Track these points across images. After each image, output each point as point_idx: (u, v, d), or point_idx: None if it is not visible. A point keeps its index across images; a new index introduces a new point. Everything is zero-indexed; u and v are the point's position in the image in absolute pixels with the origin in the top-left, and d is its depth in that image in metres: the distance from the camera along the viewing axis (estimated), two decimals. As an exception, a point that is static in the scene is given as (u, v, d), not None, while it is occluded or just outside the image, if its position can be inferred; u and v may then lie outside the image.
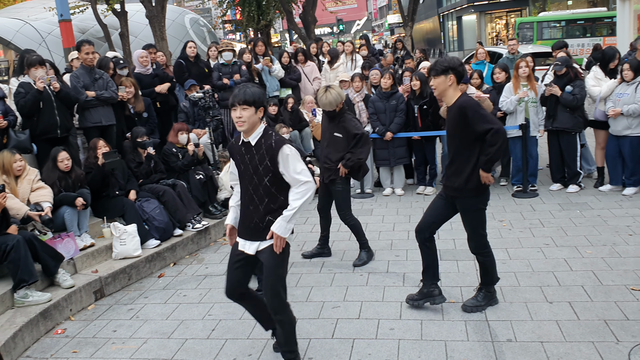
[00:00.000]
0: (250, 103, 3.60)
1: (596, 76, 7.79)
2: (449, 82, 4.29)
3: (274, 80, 10.04)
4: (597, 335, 4.16)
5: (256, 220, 3.73)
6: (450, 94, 4.37)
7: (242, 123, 3.64)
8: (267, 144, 3.68)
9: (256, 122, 3.69)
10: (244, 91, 3.64)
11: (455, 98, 4.37)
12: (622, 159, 7.56)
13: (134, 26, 16.94)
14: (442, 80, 4.30)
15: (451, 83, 4.30)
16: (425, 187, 8.55)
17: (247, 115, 3.62)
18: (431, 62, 10.45)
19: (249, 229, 3.78)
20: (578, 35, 26.76)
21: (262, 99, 3.67)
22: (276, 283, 3.74)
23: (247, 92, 3.62)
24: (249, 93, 3.62)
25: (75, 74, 6.98)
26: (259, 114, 3.67)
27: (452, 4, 47.63)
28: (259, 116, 3.68)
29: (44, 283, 5.40)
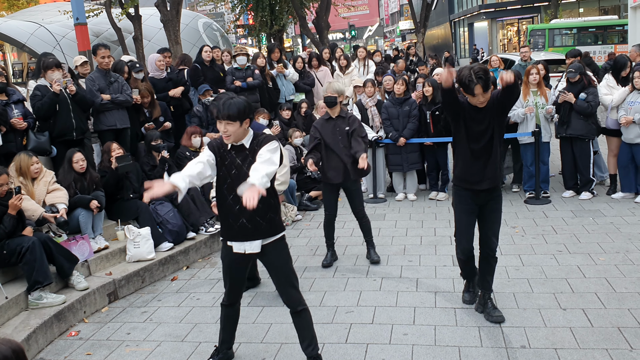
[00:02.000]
0: (234, 118, 3.53)
1: (608, 84, 7.78)
2: (488, 95, 4.24)
3: (289, 84, 10.08)
4: (611, 343, 4.15)
5: (243, 221, 3.69)
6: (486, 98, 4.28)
7: (227, 137, 3.62)
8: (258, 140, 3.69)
9: (243, 132, 3.65)
10: (228, 105, 3.53)
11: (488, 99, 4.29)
12: (634, 167, 7.53)
13: (147, 30, 17.06)
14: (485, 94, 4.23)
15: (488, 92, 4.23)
16: (437, 193, 8.54)
17: (232, 130, 3.58)
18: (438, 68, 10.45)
19: (237, 229, 3.74)
20: (589, 43, 26.66)
21: (246, 111, 3.58)
22: (292, 277, 3.89)
23: (231, 107, 3.53)
24: (233, 107, 3.53)
25: (90, 77, 7.04)
26: (244, 125, 3.61)
27: (464, 11, 47.65)
28: (244, 127, 3.63)
29: (58, 285, 5.44)
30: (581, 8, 38.84)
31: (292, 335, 4.61)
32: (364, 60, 11.55)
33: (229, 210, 3.73)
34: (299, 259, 6.41)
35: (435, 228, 7.13)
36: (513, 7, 41.77)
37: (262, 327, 4.75)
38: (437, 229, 7.10)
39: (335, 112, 5.95)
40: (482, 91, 4.15)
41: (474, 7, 44.33)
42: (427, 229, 7.14)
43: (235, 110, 3.52)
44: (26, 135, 6.37)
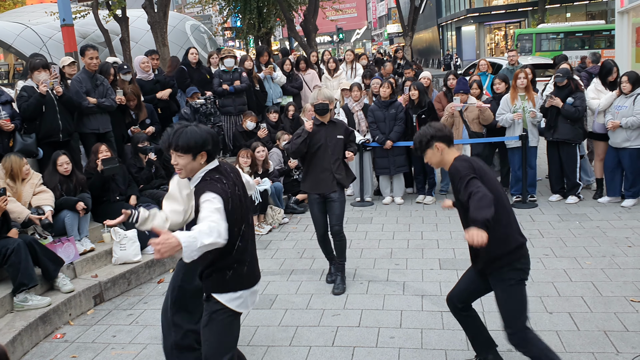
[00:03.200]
0: (185, 150, 3.06)
1: (597, 88, 7.84)
2: (439, 153, 3.65)
3: (276, 87, 10.07)
4: (597, 346, 4.17)
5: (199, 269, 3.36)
6: (447, 160, 3.67)
7: (179, 171, 3.16)
8: (197, 192, 3.12)
9: (197, 168, 3.14)
10: (178, 135, 3.06)
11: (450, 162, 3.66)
12: (621, 171, 7.60)
13: (134, 32, 16.99)
14: (432, 152, 3.67)
15: (441, 152, 3.65)
16: (424, 197, 8.57)
17: (183, 163, 3.10)
18: (428, 72, 10.50)
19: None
20: (576, 48, 26.92)
21: (201, 143, 3.07)
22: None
23: (182, 137, 3.05)
24: (184, 138, 3.05)
25: (77, 79, 6.98)
26: (200, 159, 3.11)
27: (452, 15, 47.91)
28: (199, 162, 3.12)
29: (44, 287, 5.39)
30: (568, 13, 39.22)
31: (279, 338, 4.62)
32: (351, 63, 11.56)
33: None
34: (285, 262, 6.40)
35: (422, 231, 7.14)
36: (500, 11, 42.08)
37: (249, 330, 4.73)
38: (424, 232, 7.12)
39: (326, 119, 5.54)
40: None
41: (462, 11, 44.58)
42: (414, 232, 7.15)
43: (186, 142, 3.05)
44: (13, 137, 6.31)
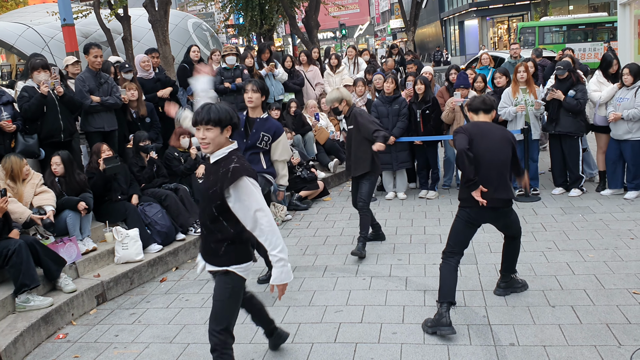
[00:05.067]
0: (215, 122, 3.26)
1: (598, 80, 7.80)
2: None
3: (278, 84, 10.05)
4: (600, 339, 4.15)
5: (212, 246, 3.48)
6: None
7: (206, 145, 3.32)
8: (224, 170, 3.32)
9: (222, 142, 3.35)
10: (207, 109, 3.27)
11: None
12: (623, 163, 7.56)
13: (136, 30, 16.97)
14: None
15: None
16: (427, 192, 8.55)
17: (212, 137, 3.28)
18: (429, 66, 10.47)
19: (204, 250, 3.59)
20: (579, 40, 26.78)
21: (228, 117, 3.30)
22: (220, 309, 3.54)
23: (212, 111, 3.26)
24: (214, 111, 3.26)
25: (81, 78, 6.98)
26: (225, 133, 3.33)
27: (454, 9, 47.73)
28: (225, 136, 3.34)
29: (46, 287, 5.39)
30: (571, 5, 39.01)
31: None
32: (354, 59, 11.55)
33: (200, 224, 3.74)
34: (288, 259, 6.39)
35: (424, 227, 7.12)
36: (503, 4, 41.88)
37: (251, 328, 4.72)
38: (426, 227, 7.10)
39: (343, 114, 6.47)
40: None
41: (464, 5, 44.40)
42: (416, 227, 7.14)
43: (216, 114, 3.26)
44: (14, 138, 6.31)
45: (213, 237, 3.45)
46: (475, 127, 4.64)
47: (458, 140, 4.48)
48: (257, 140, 5.36)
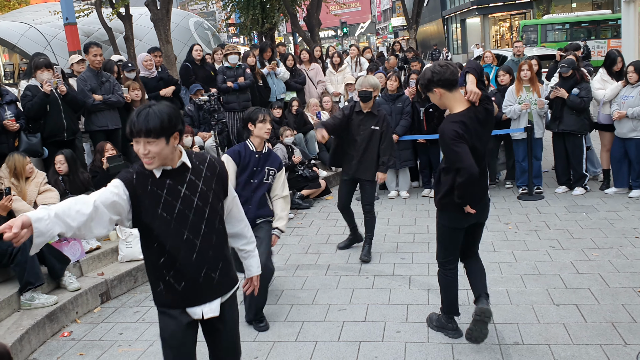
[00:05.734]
0: (157, 132, 2.57)
1: (602, 78, 7.78)
2: (438, 96, 3.85)
3: (280, 83, 10.05)
4: (605, 338, 4.15)
5: (207, 271, 2.85)
6: (449, 105, 3.89)
7: (150, 160, 2.63)
8: (210, 163, 2.88)
9: (171, 151, 2.68)
10: (145, 116, 2.57)
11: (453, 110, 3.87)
12: (628, 161, 7.55)
13: (138, 29, 16.98)
14: (432, 96, 3.91)
15: (440, 95, 3.84)
16: (430, 190, 8.53)
17: (156, 151, 2.60)
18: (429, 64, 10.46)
19: (200, 287, 2.85)
20: (582, 38, 26.73)
21: (173, 121, 2.62)
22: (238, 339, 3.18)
23: (150, 117, 2.56)
24: (153, 118, 2.56)
25: (82, 77, 7.00)
26: (173, 141, 2.65)
27: (456, 7, 47.69)
28: (173, 144, 2.66)
29: (50, 286, 5.40)
30: (574, 3, 38.92)
31: (285, 333, 4.62)
32: (356, 57, 11.54)
33: (176, 262, 2.78)
34: (291, 257, 6.40)
35: (428, 225, 7.12)
36: (505, 2, 41.82)
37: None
38: (429, 226, 7.10)
39: (367, 107, 5.93)
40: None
41: (466, 3, 44.36)
42: (419, 226, 7.13)
43: (157, 122, 2.56)
44: (18, 137, 6.33)
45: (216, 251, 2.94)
46: (464, 126, 3.77)
47: (465, 157, 3.69)
48: (263, 177, 4.79)
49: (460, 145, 3.69)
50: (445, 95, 3.81)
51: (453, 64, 3.85)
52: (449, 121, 3.78)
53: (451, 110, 3.85)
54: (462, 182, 3.70)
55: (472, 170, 3.67)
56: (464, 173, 3.67)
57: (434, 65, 3.81)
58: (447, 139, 3.73)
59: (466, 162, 3.67)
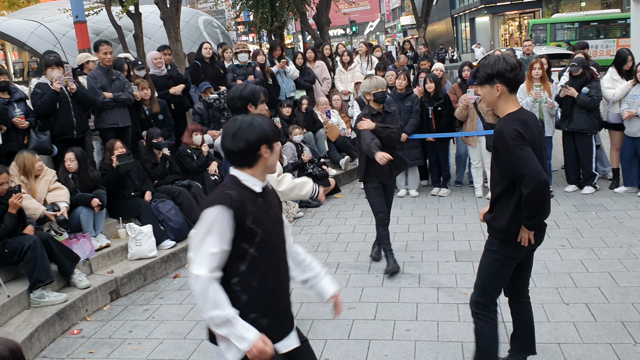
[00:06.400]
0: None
1: (612, 77, 7.73)
2: (496, 93, 3.25)
3: (289, 81, 10.05)
4: (615, 337, 4.13)
5: (288, 298, 2.75)
6: (502, 107, 3.30)
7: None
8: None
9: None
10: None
11: (504, 114, 3.29)
12: (637, 160, 7.50)
13: (148, 28, 17.01)
14: (489, 90, 3.28)
15: (500, 94, 3.24)
16: (439, 189, 8.52)
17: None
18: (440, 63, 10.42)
19: (287, 316, 2.71)
20: (592, 37, 26.60)
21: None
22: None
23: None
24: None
25: (92, 75, 7.02)
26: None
27: (465, 6, 47.51)
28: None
29: (60, 283, 5.43)
30: (583, 2, 38.70)
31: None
32: (366, 55, 11.52)
33: (275, 287, 2.62)
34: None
35: (437, 224, 7.11)
36: (514, 1, 41.64)
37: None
38: (439, 224, 7.08)
39: (381, 107, 5.72)
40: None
41: (475, 2, 44.18)
42: (429, 225, 7.12)
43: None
44: (27, 135, 6.36)
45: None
46: (526, 125, 3.19)
47: (531, 161, 3.08)
48: None
49: (524, 148, 3.10)
50: (504, 95, 3.24)
51: (523, 63, 3.32)
52: (507, 120, 3.22)
53: (502, 113, 3.30)
54: (531, 194, 3.07)
55: (541, 177, 3.06)
56: (531, 181, 3.05)
57: (508, 58, 3.22)
58: (508, 141, 3.11)
59: (532, 166, 3.07)
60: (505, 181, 3.25)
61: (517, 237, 3.29)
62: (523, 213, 3.18)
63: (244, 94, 4.10)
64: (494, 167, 3.39)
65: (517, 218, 3.23)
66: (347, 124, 10.44)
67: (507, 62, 3.17)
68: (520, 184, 3.13)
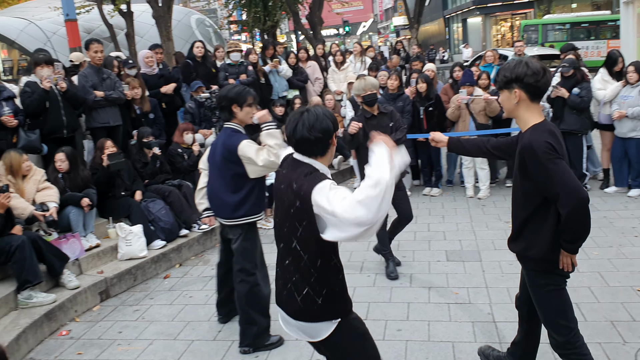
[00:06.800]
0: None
1: (603, 78, 7.77)
2: (514, 100, 2.99)
3: (282, 81, 10.03)
4: (604, 337, 4.14)
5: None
6: (523, 117, 3.01)
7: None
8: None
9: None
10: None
11: (527, 125, 2.99)
12: (628, 161, 7.54)
13: (140, 26, 16.94)
14: (507, 96, 3.03)
15: (518, 100, 2.98)
16: (431, 189, 8.53)
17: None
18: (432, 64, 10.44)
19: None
20: (582, 38, 26.75)
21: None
22: None
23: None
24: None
25: (83, 74, 6.97)
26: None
27: (458, 6, 47.64)
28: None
29: (49, 284, 5.38)
30: (574, 3, 38.88)
31: (285, 331, 4.59)
32: (360, 56, 11.51)
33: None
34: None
35: (429, 224, 7.11)
36: (506, 2, 41.78)
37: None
38: (430, 224, 7.09)
39: (376, 109, 5.62)
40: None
41: (468, 3, 44.30)
42: (420, 224, 7.12)
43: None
44: (16, 133, 6.30)
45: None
46: (555, 138, 2.93)
47: (569, 177, 2.81)
48: None
49: (559, 162, 2.82)
50: (525, 103, 2.97)
51: (549, 71, 3.00)
52: (536, 131, 2.91)
53: (524, 124, 3.01)
54: (571, 213, 2.79)
55: (582, 194, 2.79)
56: (571, 199, 2.77)
57: (532, 62, 2.95)
58: (540, 155, 2.82)
59: (571, 182, 2.78)
60: (533, 202, 2.96)
61: (556, 263, 3.00)
62: (564, 237, 2.90)
63: (230, 95, 4.17)
64: (517, 188, 3.07)
65: (557, 243, 2.95)
66: (340, 123, 10.43)
67: (529, 66, 2.91)
68: (556, 203, 2.84)
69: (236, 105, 4.14)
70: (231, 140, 4.12)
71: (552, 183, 2.80)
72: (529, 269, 3.09)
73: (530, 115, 2.97)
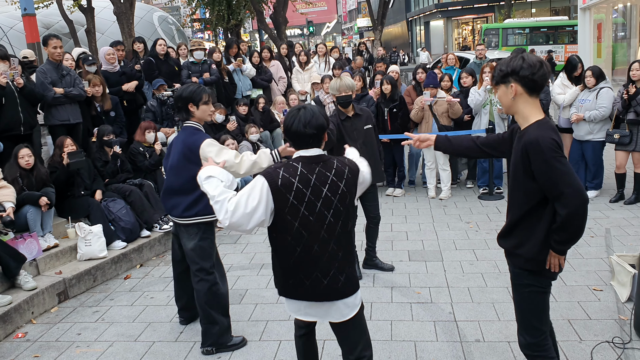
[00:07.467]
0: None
1: (563, 83, 7.94)
2: (511, 94, 2.91)
3: (245, 80, 9.98)
4: (561, 335, 4.23)
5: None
6: (523, 112, 2.92)
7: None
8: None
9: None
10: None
11: (529, 121, 2.91)
12: (584, 163, 7.72)
13: (100, 23, 16.67)
14: (504, 91, 2.95)
15: (515, 95, 2.90)
16: (394, 189, 8.60)
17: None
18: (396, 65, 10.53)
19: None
20: (541, 42, 27.34)
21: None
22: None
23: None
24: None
25: (42, 70, 6.81)
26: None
27: (420, 9, 48.19)
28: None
29: (5, 285, 5.24)
30: (533, 8, 39.77)
31: (249, 332, 4.59)
32: (324, 56, 11.54)
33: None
34: (255, 257, 6.36)
35: (391, 224, 7.16)
36: (468, 6, 42.45)
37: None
38: (393, 224, 7.14)
39: (351, 110, 5.46)
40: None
41: (430, 6, 44.87)
42: (383, 224, 7.13)
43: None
44: (-29, 131, 6.13)
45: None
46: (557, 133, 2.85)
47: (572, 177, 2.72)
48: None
49: (564, 161, 2.73)
50: (521, 97, 2.89)
51: (548, 65, 2.95)
52: (541, 127, 2.83)
53: (524, 120, 2.93)
54: (571, 215, 2.72)
55: (584, 196, 2.73)
56: (573, 199, 2.70)
57: (529, 56, 2.89)
58: (546, 152, 2.73)
59: (575, 183, 2.71)
60: (532, 200, 2.88)
61: (546, 264, 2.94)
62: (556, 237, 2.84)
63: (185, 94, 4.14)
64: (516, 185, 2.96)
65: (547, 244, 2.90)
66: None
67: (525, 59, 2.85)
68: (555, 203, 2.77)
69: (192, 104, 4.12)
70: (192, 139, 4.08)
71: (556, 182, 2.72)
72: (516, 266, 3.06)
73: (530, 110, 2.90)
